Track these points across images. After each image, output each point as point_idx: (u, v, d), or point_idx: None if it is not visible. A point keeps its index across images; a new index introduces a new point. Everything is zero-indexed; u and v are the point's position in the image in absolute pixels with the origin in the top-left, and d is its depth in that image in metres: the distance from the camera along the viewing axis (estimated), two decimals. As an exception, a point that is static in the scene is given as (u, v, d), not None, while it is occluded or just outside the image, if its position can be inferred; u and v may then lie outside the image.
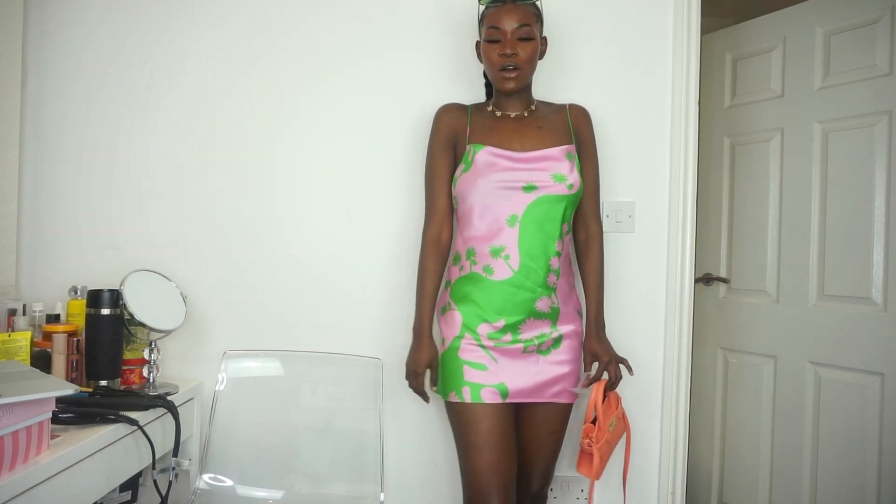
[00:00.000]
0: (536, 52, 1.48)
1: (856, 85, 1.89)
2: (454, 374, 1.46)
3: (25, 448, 1.07)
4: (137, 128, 1.83)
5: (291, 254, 1.81)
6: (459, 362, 1.46)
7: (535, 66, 1.50)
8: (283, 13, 1.82)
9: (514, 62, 1.44)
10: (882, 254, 1.82)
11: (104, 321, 1.49)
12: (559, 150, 1.48)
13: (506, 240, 1.44)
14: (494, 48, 1.46)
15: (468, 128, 1.53)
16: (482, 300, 1.46)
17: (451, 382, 1.46)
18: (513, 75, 1.45)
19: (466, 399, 1.43)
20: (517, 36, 1.44)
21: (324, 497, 1.68)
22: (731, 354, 2.23)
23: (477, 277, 1.47)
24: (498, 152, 1.46)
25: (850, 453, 1.86)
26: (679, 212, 1.79)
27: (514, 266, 1.44)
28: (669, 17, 1.79)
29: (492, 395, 1.44)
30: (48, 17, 1.84)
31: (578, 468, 1.47)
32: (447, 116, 1.55)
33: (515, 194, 1.44)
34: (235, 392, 1.74)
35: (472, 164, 1.47)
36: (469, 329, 1.47)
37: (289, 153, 1.82)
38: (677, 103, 1.78)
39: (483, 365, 1.45)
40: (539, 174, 1.45)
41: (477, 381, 1.44)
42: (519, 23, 1.43)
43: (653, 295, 1.80)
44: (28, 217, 1.84)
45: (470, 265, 1.48)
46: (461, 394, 1.44)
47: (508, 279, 1.44)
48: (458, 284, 1.51)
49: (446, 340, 1.50)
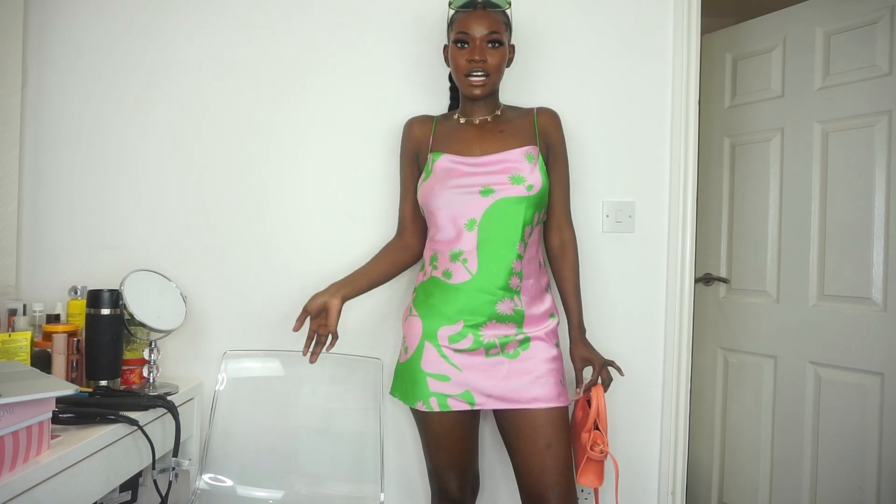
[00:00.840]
0: (505, 59, 1.48)
1: (856, 85, 1.89)
2: (419, 384, 1.45)
3: (25, 448, 1.07)
4: (137, 128, 1.83)
5: (292, 254, 1.81)
6: (423, 374, 1.45)
7: (502, 72, 1.49)
8: (283, 14, 1.82)
9: (482, 68, 1.44)
10: (882, 254, 1.82)
11: (104, 321, 1.49)
12: (518, 151, 1.47)
13: (465, 244, 1.44)
14: (463, 53, 1.45)
15: (431, 138, 1.55)
16: (441, 303, 1.45)
17: (418, 392, 1.45)
18: (480, 81, 1.45)
19: (434, 408, 1.44)
20: (486, 41, 1.44)
21: (324, 497, 1.68)
22: (731, 354, 2.23)
23: (437, 282, 1.47)
24: (456, 159, 1.48)
25: (850, 453, 1.86)
26: (679, 212, 1.79)
27: (473, 269, 1.44)
28: (669, 17, 1.79)
29: (459, 404, 1.44)
30: (48, 17, 1.84)
31: (583, 480, 1.40)
32: (410, 129, 1.59)
33: (473, 198, 1.44)
34: (235, 392, 1.74)
35: (431, 172, 1.49)
36: (429, 336, 1.46)
37: (289, 153, 1.82)
38: (677, 103, 1.78)
39: (445, 376, 1.44)
40: (496, 177, 1.44)
41: (442, 391, 1.44)
42: (489, 29, 1.43)
43: (653, 295, 1.80)
44: (28, 217, 1.84)
45: (431, 270, 1.49)
46: (429, 403, 1.44)
47: (466, 282, 1.44)
48: (419, 290, 1.52)
49: (409, 349, 1.49)
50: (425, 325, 1.47)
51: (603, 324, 1.78)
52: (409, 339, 1.50)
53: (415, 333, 1.48)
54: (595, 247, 1.79)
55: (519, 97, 1.74)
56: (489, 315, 1.44)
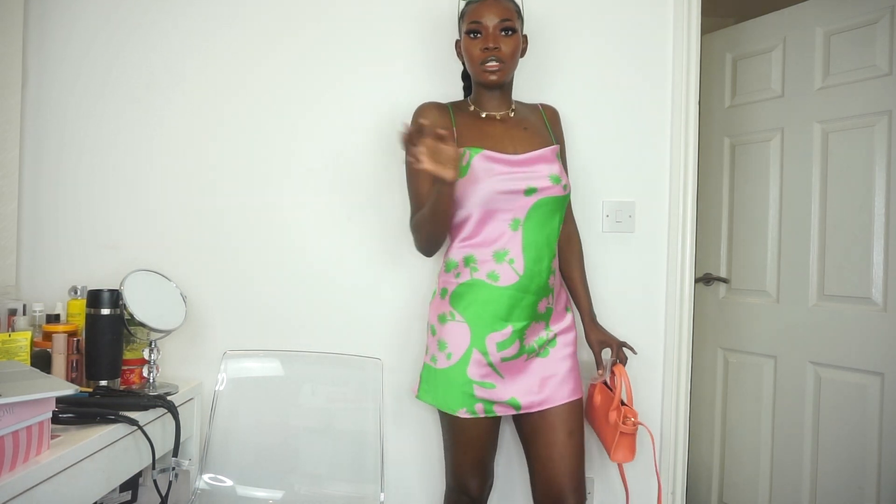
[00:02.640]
0: (518, 48, 1.47)
1: (856, 85, 1.89)
2: (464, 392, 1.42)
3: (25, 448, 1.07)
4: (137, 128, 1.83)
5: (291, 254, 1.81)
6: (469, 382, 1.42)
7: (517, 61, 1.48)
8: (284, 15, 1.82)
9: (496, 55, 1.43)
10: (882, 254, 1.82)
11: (104, 321, 1.49)
12: (549, 150, 1.48)
13: (509, 244, 1.42)
14: (476, 43, 1.44)
15: (453, 129, 1.49)
16: (488, 308, 1.42)
17: (462, 400, 1.42)
18: (495, 67, 1.44)
19: (480, 414, 1.43)
20: (499, 30, 1.43)
21: (324, 497, 1.68)
22: (731, 354, 2.23)
23: (481, 284, 1.43)
24: (494, 156, 1.43)
25: (850, 453, 1.86)
26: (679, 212, 1.78)
27: (520, 270, 1.42)
28: (669, 17, 1.79)
29: (505, 410, 1.45)
30: (48, 17, 1.84)
31: (617, 457, 1.46)
32: (429, 114, 1.49)
33: (517, 198, 1.42)
34: (235, 392, 1.74)
35: (468, 168, 1.42)
36: (477, 343, 1.42)
37: (289, 153, 1.82)
38: (677, 103, 1.78)
39: (491, 383, 1.43)
40: (537, 176, 1.43)
41: (489, 398, 1.43)
42: (501, 17, 1.43)
43: (653, 295, 1.80)
44: (28, 217, 1.84)
45: (470, 272, 1.45)
46: (474, 410, 1.42)
47: (514, 284, 1.42)
48: (459, 293, 1.46)
49: (453, 355, 1.43)
50: (474, 332, 1.43)
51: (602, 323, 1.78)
52: (453, 346, 1.44)
53: (460, 341, 1.43)
54: (595, 247, 1.79)
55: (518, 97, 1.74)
56: (532, 316, 1.45)
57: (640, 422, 1.46)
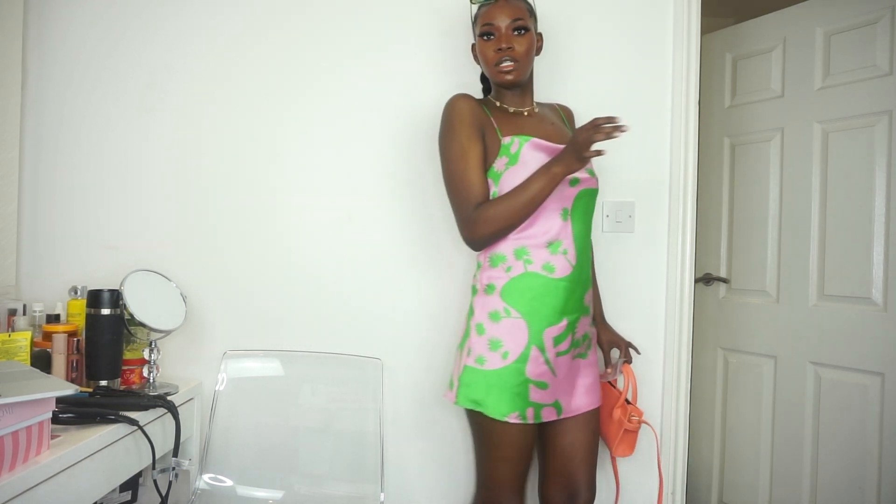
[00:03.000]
0: (533, 46, 1.47)
1: (856, 85, 1.89)
2: (519, 394, 1.36)
3: (25, 448, 1.07)
4: (137, 127, 1.83)
5: (292, 254, 1.81)
6: (525, 381, 1.36)
7: (531, 60, 1.48)
8: (282, 12, 1.82)
9: (510, 55, 1.43)
10: (882, 254, 1.82)
11: (104, 321, 1.49)
12: None
13: (561, 234, 1.40)
14: (490, 45, 1.45)
15: (491, 119, 1.46)
16: (546, 301, 1.38)
17: (516, 402, 1.36)
18: (510, 67, 1.44)
19: (529, 420, 1.37)
20: (511, 30, 1.43)
21: (324, 497, 1.68)
22: (731, 354, 2.23)
23: (536, 277, 1.38)
24: (543, 144, 1.40)
25: (850, 453, 1.86)
26: (679, 212, 1.78)
27: (573, 261, 1.41)
28: (669, 17, 1.79)
29: (550, 414, 1.41)
30: (48, 17, 1.84)
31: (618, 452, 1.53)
32: (469, 106, 1.44)
33: (564, 187, 1.39)
34: (235, 392, 1.74)
35: (518, 157, 1.39)
36: (536, 339, 1.37)
37: (289, 153, 1.82)
38: (677, 103, 1.78)
39: (545, 383, 1.39)
40: None
41: (539, 400, 1.38)
42: (512, 17, 1.43)
43: (653, 295, 1.80)
44: (28, 217, 1.84)
45: (523, 265, 1.39)
46: (525, 415, 1.36)
47: (569, 275, 1.40)
48: (511, 287, 1.39)
49: (510, 354, 1.36)
50: (532, 327, 1.37)
51: (603, 324, 1.79)
52: (510, 344, 1.37)
53: (518, 338, 1.37)
54: (595, 247, 1.78)
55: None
56: (581, 309, 1.45)
57: (644, 420, 1.51)
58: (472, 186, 1.40)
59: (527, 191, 1.34)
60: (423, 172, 1.79)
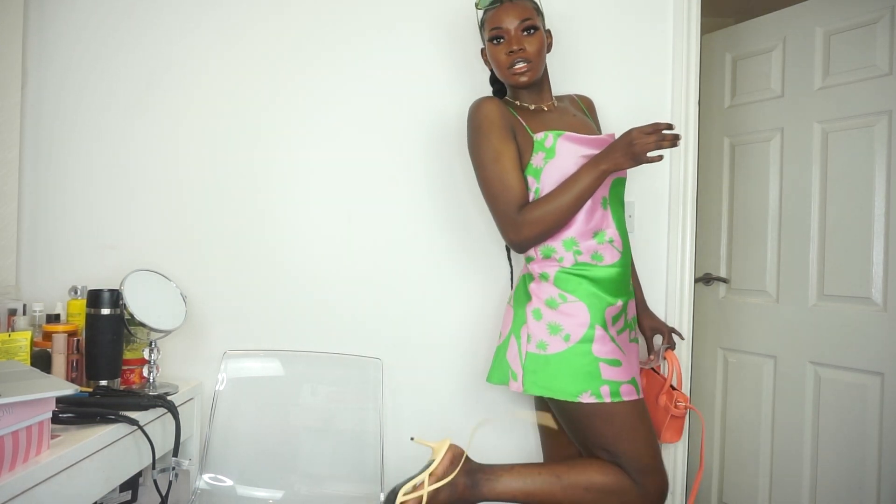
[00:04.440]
0: (543, 45, 1.46)
1: (856, 85, 1.89)
2: (588, 373, 1.35)
3: (25, 448, 1.07)
4: (137, 127, 1.83)
5: (292, 254, 1.81)
6: (594, 359, 1.35)
7: (544, 58, 1.48)
8: (282, 12, 1.82)
9: (522, 56, 1.42)
10: (882, 254, 1.82)
11: (104, 321, 1.49)
12: (608, 135, 1.48)
13: (604, 223, 1.43)
14: (501, 48, 1.44)
15: (518, 118, 1.47)
16: (600, 286, 1.40)
17: (586, 382, 1.35)
18: (524, 68, 1.43)
19: (605, 399, 1.34)
20: (521, 30, 1.43)
21: (324, 497, 1.68)
22: (731, 354, 2.23)
23: (587, 267, 1.41)
24: (575, 136, 1.41)
25: (850, 453, 1.86)
26: (679, 212, 1.78)
27: (619, 248, 1.44)
28: (669, 17, 1.79)
29: (629, 391, 1.37)
30: (48, 17, 1.84)
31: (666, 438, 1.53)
32: (497, 108, 1.44)
33: None
34: (235, 392, 1.74)
35: (554, 150, 1.40)
36: (598, 318, 1.38)
37: (289, 153, 1.82)
38: (677, 103, 1.78)
39: (617, 360, 1.37)
40: None
41: (614, 377, 1.36)
42: (520, 18, 1.43)
43: (653, 295, 1.80)
44: (28, 217, 1.84)
45: (573, 255, 1.41)
46: (600, 394, 1.34)
47: (618, 261, 1.44)
48: (563, 276, 1.41)
49: (571, 336, 1.37)
50: (592, 309, 1.38)
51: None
52: (570, 327, 1.37)
53: (580, 320, 1.38)
54: (595, 247, 1.79)
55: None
56: (630, 293, 1.49)
57: (690, 405, 1.53)
58: (512, 189, 1.40)
59: (573, 188, 1.36)
60: (422, 172, 1.79)
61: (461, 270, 1.78)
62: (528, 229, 1.38)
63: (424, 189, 1.79)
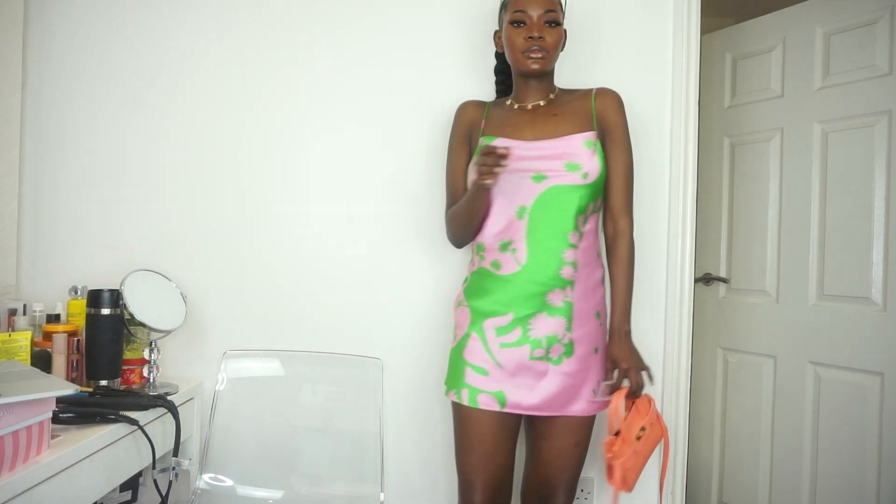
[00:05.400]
0: (561, 41, 1.46)
1: (856, 85, 1.88)
2: (456, 373, 1.44)
3: (25, 448, 1.07)
4: (137, 127, 1.83)
5: (292, 254, 1.81)
6: (462, 363, 1.43)
7: (558, 53, 1.48)
8: (282, 12, 1.82)
9: (539, 45, 1.41)
10: (882, 254, 1.82)
11: (104, 321, 1.49)
12: (575, 137, 1.43)
13: (513, 233, 1.41)
14: (520, 32, 1.43)
15: (483, 121, 1.52)
16: (490, 296, 1.43)
17: (453, 381, 1.45)
18: (539, 55, 1.42)
19: (464, 401, 1.41)
20: (543, 20, 1.43)
21: (324, 497, 1.68)
22: (731, 354, 2.23)
23: (486, 273, 1.45)
24: (508, 142, 1.42)
25: (850, 453, 1.86)
26: (679, 212, 1.78)
27: (522, 260, 1.40)
28: (669, 17, 1.79)
29: (489, 402, 1.40)
30: (48, 17, 1.84)
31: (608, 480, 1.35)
32: (464, 111, 1.56)
33: (523, 185, 1.41)
34: (235, 392, 1.74)
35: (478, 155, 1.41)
36: (476, 327, 1.43)
37: (289, 153, 1.82)
38: (677, 103, 1.78)
39: (484, 370, 1.41)
40: (549, 163, 1.41)
41: (476, 385, 1.41)
42: (545, 8, 1.42)
43: (653, 295, 1.80)
44: (28, 217, 1.84)
45: (479, 260, 1.48)
46: (460, 395, 1.42)
47: (515, 273, 1.40)
48: (470, 280, 1.51)
49: (457, 336, 1.49)
50: (473, 314, 1.45)
51: (603, 324, 1.78)
52: (459, 328, 1.49)
53: (463, 322, 1.48)
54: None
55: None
56: (539, 307, 1.40)
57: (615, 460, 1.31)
58: (449, 191, 1.57)
59: (464, 198, 1.45)
60: (420, 174, 1.79)
61: (462, 270, 1.78)
62: (446, 230, 1.57)
63: (425, 188, 1.79)
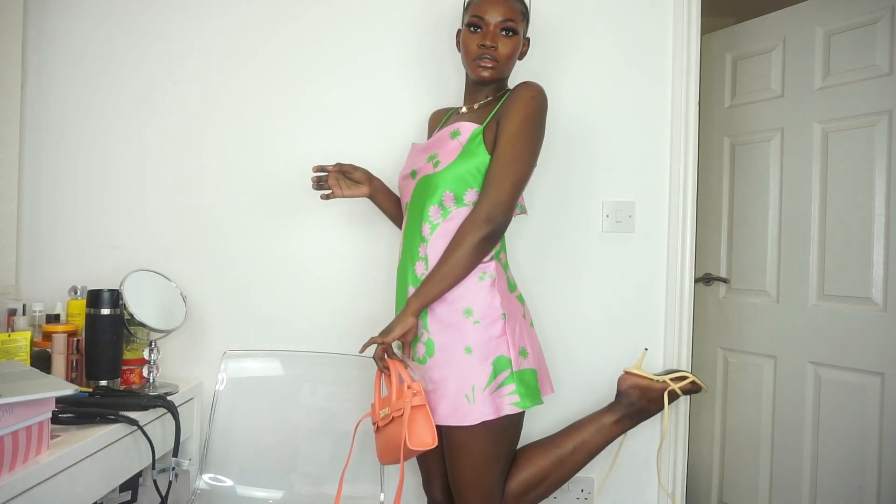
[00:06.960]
0: (517, 51, 1.42)
1: (856, 85, 1.88)
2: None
3: (25, 448, 1.07)
4: (137, 128, 1.83)
5: (291, 254, 1.81)
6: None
7: (513, 63, 1.44)
8: (282, 12, 1.82)
9: (491, 55, 1.38)
10: (882, 254, 1.82)
11: (104, 321, 1.49)
12: (447, 129, 1.42)
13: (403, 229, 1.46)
14: (475, 38, 1.40)
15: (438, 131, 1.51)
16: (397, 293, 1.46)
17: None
18: (489, 65, 1.39)
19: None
20: (500, 29, 1.39)
21: (324, 497, 1.68)
22: (731, 354, 2.23)
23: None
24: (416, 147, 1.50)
25: (850, 453, 1.86)
26: (679, 212, 1.78)
27: (399, 254, 1.45)
28: (669, 17, 1.79)
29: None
30: (48, 17, 1.84)
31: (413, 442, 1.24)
32: (430, 118, 1.66)
33: (408, 182, 1.45)
34: (235, 392, 1.74)
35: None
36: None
37: (288, 153, 1.82)
38: (677, 103, 1.78)
39: None
40: (421, 158, 1.43)
41: None
42: (504, 16, 1.38)
43: (653, 295, 1.80)
44: (28, 217, 1.84)
45: None
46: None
47: (397, 268, 1.45)
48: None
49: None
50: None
51: (601, 322, 1.78)
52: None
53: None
54: (595, 247, 1.79)
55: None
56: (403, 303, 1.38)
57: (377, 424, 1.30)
58: None
59: None
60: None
61: (461, 270, 1.78)
62: None
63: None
